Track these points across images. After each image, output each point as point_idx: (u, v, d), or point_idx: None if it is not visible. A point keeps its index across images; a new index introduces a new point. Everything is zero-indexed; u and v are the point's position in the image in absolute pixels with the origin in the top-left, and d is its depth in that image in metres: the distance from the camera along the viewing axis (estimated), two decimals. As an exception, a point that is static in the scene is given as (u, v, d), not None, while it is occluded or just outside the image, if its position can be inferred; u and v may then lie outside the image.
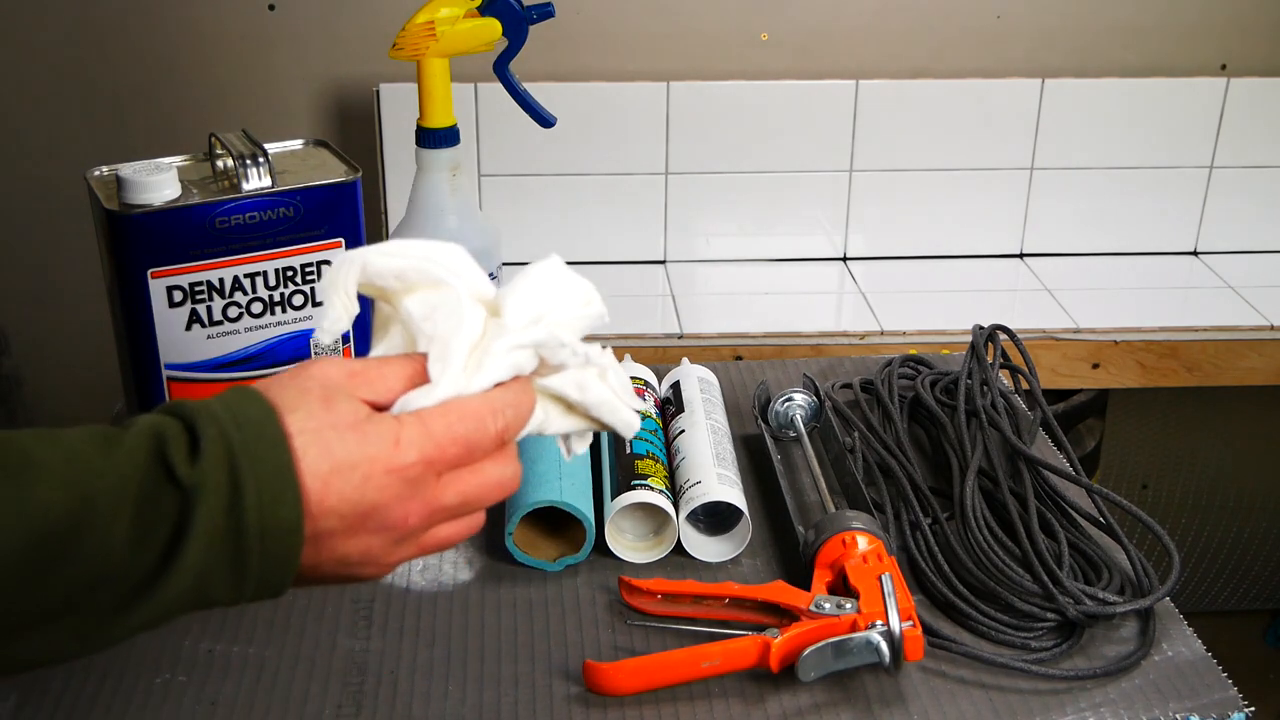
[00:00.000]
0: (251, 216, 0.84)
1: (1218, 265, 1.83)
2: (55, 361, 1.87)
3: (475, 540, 0.90)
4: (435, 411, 0.54)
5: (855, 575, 0.78)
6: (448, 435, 0.54)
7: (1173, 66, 1.80)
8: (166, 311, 0.84)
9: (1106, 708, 0.76)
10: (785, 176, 1.79)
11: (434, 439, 0.54)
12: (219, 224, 0.84)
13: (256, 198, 0.85)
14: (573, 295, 0.60)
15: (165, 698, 0.76)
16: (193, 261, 0.84)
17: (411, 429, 0.53)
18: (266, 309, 0.87)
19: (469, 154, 1.73)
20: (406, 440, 0.53)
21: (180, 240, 0.83)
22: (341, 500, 0.52)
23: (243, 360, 0.87)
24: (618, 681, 0.76)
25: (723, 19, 1.76)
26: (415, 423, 0.54)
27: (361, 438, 0.52)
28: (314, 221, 0.86)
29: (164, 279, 0.83)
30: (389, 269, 0.57)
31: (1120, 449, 1.96)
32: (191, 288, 0.84)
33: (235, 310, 0.86)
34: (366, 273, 0.57)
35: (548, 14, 0.96)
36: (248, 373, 0.87)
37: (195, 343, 0.85)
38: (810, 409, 1.02)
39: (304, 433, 0.51)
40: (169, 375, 0.85)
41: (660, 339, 1.59)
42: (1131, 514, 0.86)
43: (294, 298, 0.87)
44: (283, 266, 0.86)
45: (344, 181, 0.87)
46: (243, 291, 0.86)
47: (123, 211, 0.82)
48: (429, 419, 0.54)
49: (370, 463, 0.52)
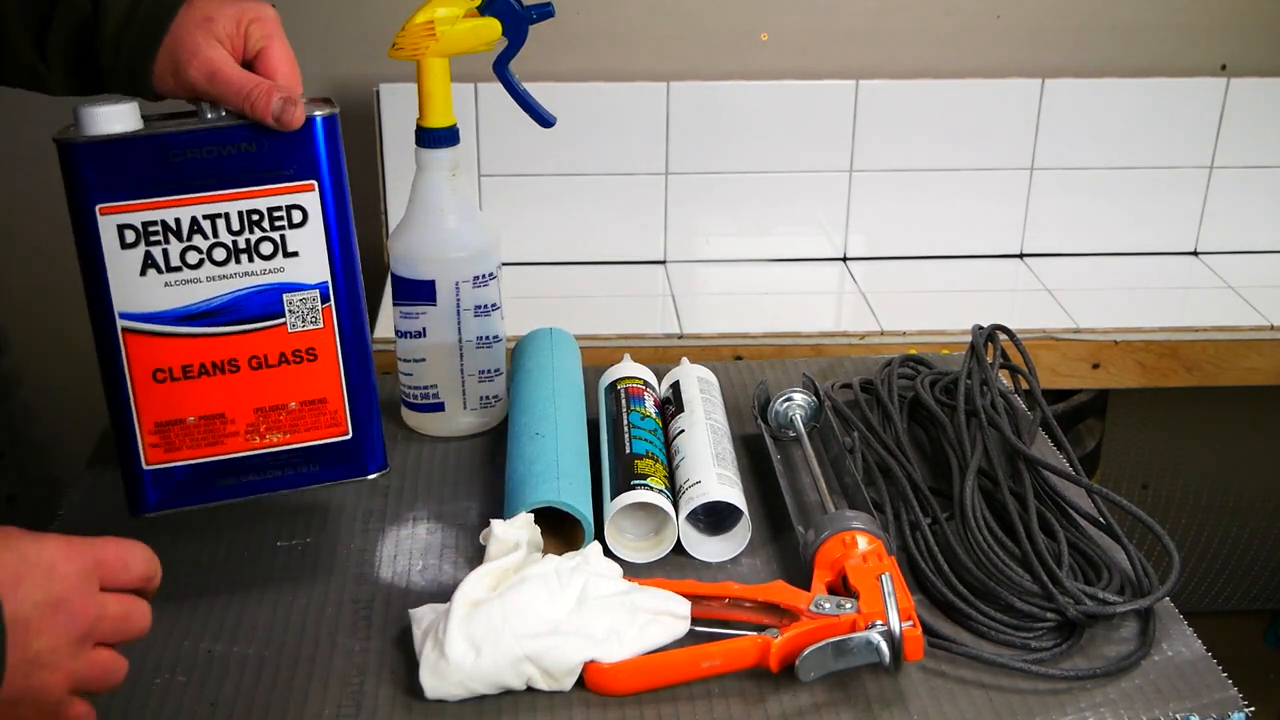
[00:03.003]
0: (209, 150, 0.77)
1: (1218, 265, 1.83)
2: (55, 361, 1.87)
3: (475, 540, 0.90)
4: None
5: (855, 575, 0.78)
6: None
7: (1173, 66, 1.80)
8: (119, 254, 0.76)
9: (1106, 708, 0.76)
10: (785, 176, 1.79)
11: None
12: (173, 157, 0.76)
13: (215, 130, 0.77)
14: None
15: (165, 698, 0.76)
16: (145, 198, 0.76)
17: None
18: (230, 255, 0.78)
19: (469, 154, 1.73)
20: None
21: (130, 173, 0.76)
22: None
23: (208, 314, 0.78)
24: (618, 681, 0.76)
25: (723, 19, 1.76)
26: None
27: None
28: (280, 159, 0.78)
29: (114, 216, 0.76)
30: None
31: (1120, 449, 1.96)
32: (145, 228, 0.76)
33: (195, 255, 0.77)
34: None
35: (548, 14, 0.96)
36: (213, 327, 0.78)
37: (151, 290, 0.77)
38: (810, 409, 1.02)
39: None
40: (125, 326, 0.77)
41: (660, 339, 1.59)
42: (1131, 514, 0.86)
43: (261, 245, 0.78)
44: (247, 209, 0.78)
45: (320, 116, 0.79)
46: (202, 235, 0.77)
47: (69, 139, 0.75)
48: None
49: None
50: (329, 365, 0.80)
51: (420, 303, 1.00)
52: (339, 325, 0.80)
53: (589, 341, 1.30)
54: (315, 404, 0.81)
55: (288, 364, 0.80)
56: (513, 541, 0.82)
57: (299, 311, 0.79)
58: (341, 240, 0.79)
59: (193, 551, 0.89)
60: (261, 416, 0.80)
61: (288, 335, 0.79)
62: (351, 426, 0.82)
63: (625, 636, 0.76)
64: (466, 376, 1.03)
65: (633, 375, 1.02)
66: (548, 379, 1.01)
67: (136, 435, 0.78)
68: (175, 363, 0.78)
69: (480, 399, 1.04)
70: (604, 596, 0.77)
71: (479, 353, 1.02)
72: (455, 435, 1.05)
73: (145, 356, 0.77)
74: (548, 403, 0.98)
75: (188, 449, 0.79)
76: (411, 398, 1.04)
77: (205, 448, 0.80)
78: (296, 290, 0.79)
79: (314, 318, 0.80)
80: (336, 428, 0.81)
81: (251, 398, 0.80)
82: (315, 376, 0.80)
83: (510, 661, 0.74)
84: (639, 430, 0.95)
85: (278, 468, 0.81)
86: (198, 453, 0.79)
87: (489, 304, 1.01)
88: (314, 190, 0.79)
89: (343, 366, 0.81)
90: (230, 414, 0.79)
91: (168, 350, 0.78)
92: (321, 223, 0.78)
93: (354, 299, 0.80)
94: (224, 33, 0.80)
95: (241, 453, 0.80)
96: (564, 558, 0.80)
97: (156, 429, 0.78)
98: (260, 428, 0.80)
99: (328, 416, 0.81)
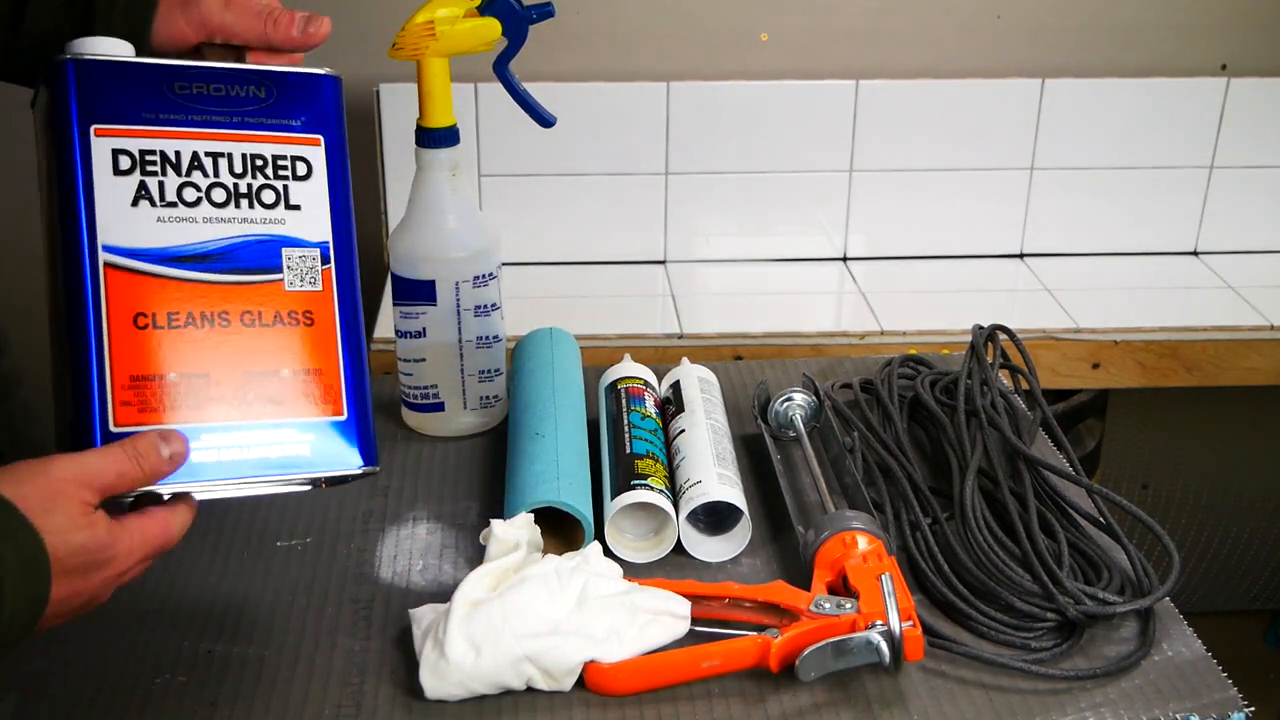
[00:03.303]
0: (216, 88, 0.73)
1: (1218, 265, 1.83)
2: (55, 361, 1.87)
3: (475, 540, 0.90)
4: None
5: (855, 575, 0.78)
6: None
7: (1173, 66, 1.80)
8: (110, 179, 0.71)
9: (1106, 708, 0.76)
10: (785, 176, 1.79)
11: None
12: (178, 89, 0.72)
13: (225, 68, 0.74)
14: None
15: (165, 698, 0.76)
16: (145, 125, 0.72)
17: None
18: (230, 198, 0.73)
19: (469, 154, 1.73)
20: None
21: (131, 96, 0.71)
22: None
23: (201, 258, 0.72)
24: (618, 681, 0.76)
25: (723, 19, 1.76)
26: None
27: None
28: (288, 109, 0.75)
29: (109, 139, 0.71)
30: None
31: (1120, 449, 1.96)
32: (142, 155, 0.71)
33: (193, 193, 0.72)
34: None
35: (548, 14, 0.96)
36: (205, 273, 0.72)
37: (142, 223, 0.71)
38: (810, 409, 1.02)
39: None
40: (107, 260, 0.70)
41: (660, 339, 1.59)
42: (1131, 514, 0.86)
43: (263, 193, 0.74)
44: (251, 152, 0.74)
45: (324, 74, 0.77)
46: (202, 172, 0.72)
47: (63, 58, 0.71)
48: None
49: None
50: (326, 333, 0.74)
51: (420, 303, 1.00)
52: (338, 292, 0.75)
53: (589, 341, 1.30)
54: (310, 374, 0.73)
55: (283, 325, 0.73)
56: (513, 541, 0.82)
57: (298, 269, 0.74)
58: (343, 203, 0.76)
59: (192, 551, 0.89)
60: (251, 382, 0.72)
61: (284, 293, 0.73)
62: (346, 408, 0.74)
63: (625, 636, 0.76)
64: (466, 376, 1.03)
65: (633, 375, 1.02)
66: (548, 379, 1.01)
67: (105, 391, 0.69)
68: (160, 308, 0.70)
69: (480, 399, 1.04)
70: (604, 596, 0.77)
71: (479, 353, 1.02)
72: (455, 435, 1.05)
73: (127, 297, 0.70)
74: (548, 403, 0.98)
75: (165, 411, 0.70)
76: (411, 398, 1.04)
77: (185, 411, 0.70)
78: (297, 246, 0.74)
79: (313, 278, 0.74)
80: (331, 405, 0.74)
81: (241, 359, 0.72)
82: (311, 344, 0.74)
83: (510, 661, 0.74)
84: (639, 430, 0.95)
85: (264, 444, 0.72)
86: (176, 416, 0.70)
87: (489, 304, 1.01)
88: (320, 146, 0.75)
89: (340, 337, 0.74)
90: (216, 375, 0.71)
91: (153, 292, 0.71)
92: (325, 180, 0.75)
93: (351, 270, 0.76)
94: None
95: (225, 423, 0.71)
96: (564, 558, 0.80)
97: (131, 384, 0.69)
98: (249, 394, 0.72)
99: (321, 391, 0.73)
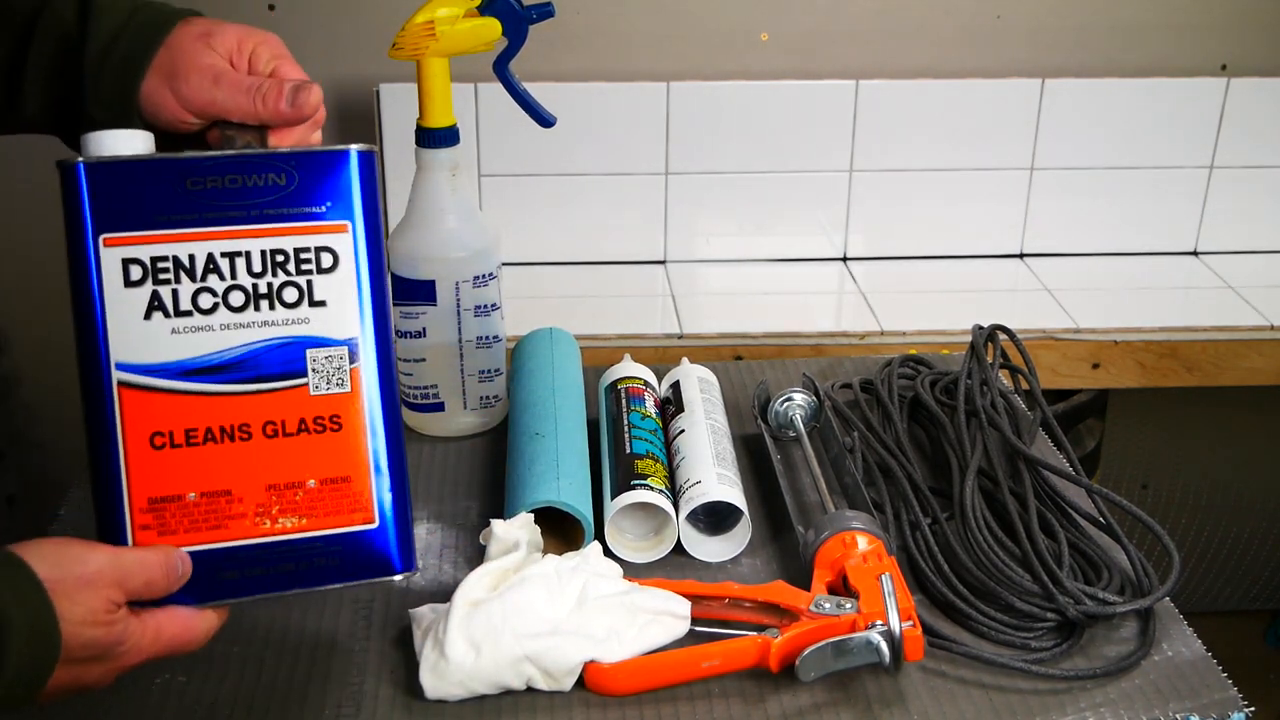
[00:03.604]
0: (232, 179, 0.67)
1: (1218, 265, 1.82)
2: (55, 361, 1.87)
3: (475, 540, 0.90)
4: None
5: (855, 575, 0.78)
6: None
7: (1173, 66, 1.80)
8: (121, 292, 0.66)
9: (1106, 708, 0.76)
10: (785, 176, 1.79)
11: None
12: (191, 185, 0.67)
13: (240, 156, 0.68)
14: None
15: (165, 698, 0.76)
16: (156, 229, 0.67)
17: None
18: (249, 301, 0.68)
19: (469, 154, 1.73)
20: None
21: (141, 199, 0.67)
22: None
23: (219, 369, 0.67)
24: (618, 681, 0.76)
25: (723, 19, 1.75)
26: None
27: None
28: (311, 195, 0.68)
29: (119, 249, 0.66)
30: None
31: (1120, 449, 1.96)
32: (154, 263, 0.66)
33: (209, 299, 0.67)
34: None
35: (548, 14, 0.96)
36: (224, 384, 0.67)
37: (156, 337, 0.67)
38: (810, 409, 1.02)
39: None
40: (121, 379, 0.66)
41: (660, 339, 1.59)
42: (1131, 514, 0.86)
43: (285, 291, 0.68)
44: (271, 248, 0.68)
45: (351, 150, 0.70)
46: (219, 275, 0.67)
47: (71, 160, 0.66)
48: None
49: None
50: (355, 438, 0.69)
51: (420, 303, 1.00)
52: (368, 391, 0.69)
53: (589, 341, 1.30)
54: (337, 483, 0.69)
55: (307, 433, 0.68)
56: (513, 541, 0.82)
57: (323, 371, 0.69)
58: (375, 291, 0.69)
59: (193, 551, 0.89)
60: (274, 496, 0.68)
61: (309, 398, 0.68)
62: (378, 514, 0.69)
63: (625, 636, 0.76)
64: (466, 376, 1.03)
65: (633, 375, 1.02)
66: (548, 379, 1.01)
67: (125, 513, 0.66)
68: (177, 425, 0.67)
69: (480, 399, 1.04)
70: (604, 596, 0.77)
71: (479, 353, 1.02)
72: (455, 435, 1.05)
73: (142, 416, 0.66)
74: (548, 403, 0.98)
75: (185, 532, 0.67)
76: (411, 398, 1.04)
77: (206, 531, 0.67)
78: (322, 346, 0.69)
79: (340, 379, 0.69)
80: (360, 514, 0.69)
81: (264, 472, 0.68)
82: (338, 450, 0.69)
83: (510, 661, 0.74)
84: (639, 430, 0.95)
85: (290, 561, 0.69)
86: (197, 537, 0.67)
87: (489, 304, 1.01)
88: (347, 232, 0.69)
89: (370, 440, 0.69)
90: (238, 491, 0.68)
91: (169, 410, 0.67)
92: (354, 269, 0.69)
93: (386, 361, 0.70)
94: (224, 49, 0.75)
95: (249, 539, 0.68)
96: (564, 558, 0.80)
97: (150, 506, 0.67)
98: (272, 509, 0.68)
99: (350, 500, 0.69)
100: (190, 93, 0.74)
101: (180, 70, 0.74)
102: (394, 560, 0.70)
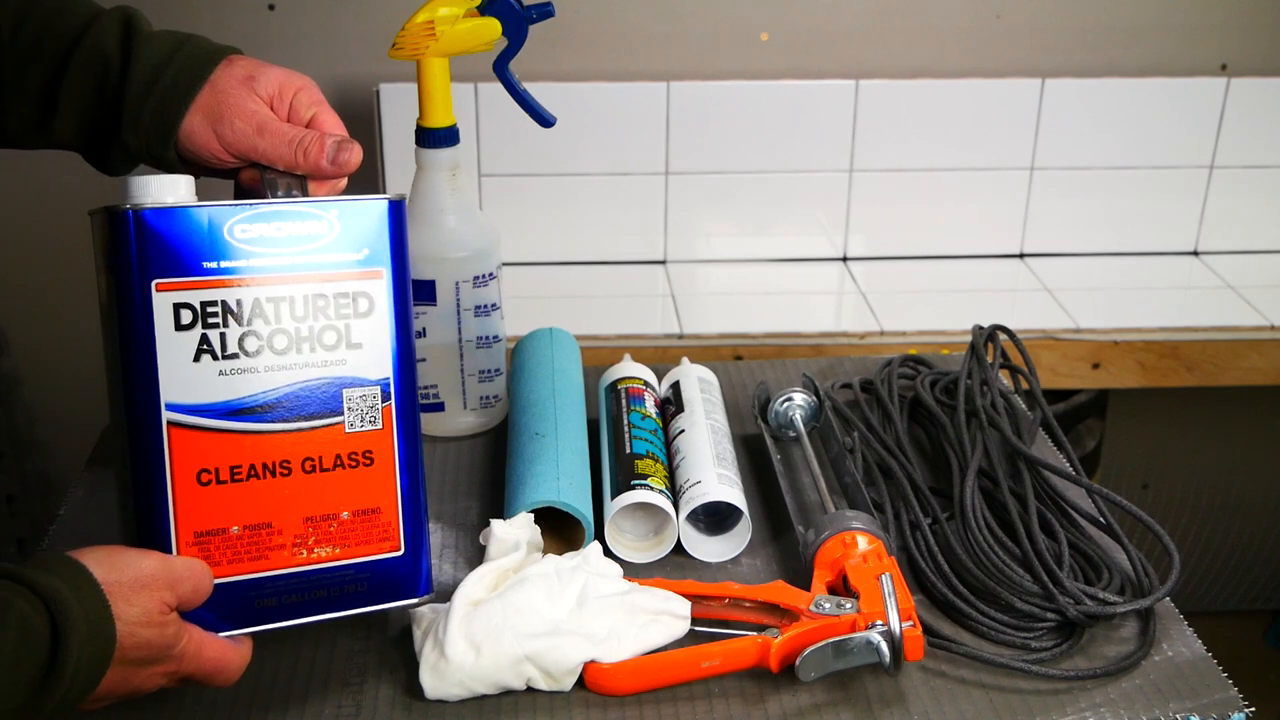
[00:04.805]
0: (278, 228, 0.71)
1: (1218, 265, 1.83)
2: (55, 361, 1.87)
3: (475, 540, 0.90)
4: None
5: (855, 575, 0.78)
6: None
7: (1173, 66, 1.80)
8: (172, 335, 0.69)
9: (1106, 708, 0.76)
10: (785, 176, 1.79)
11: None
12: (239, 233, 0.70)
13: (284, 206, 0.72)
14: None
15: (165, 698, 0.76)
16: (205, 275, 0.70)
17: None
18: (291, 344, 0.71)
19: (469, 154, 1.73)
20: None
21: (190, 246, 0.70)
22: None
23: (262, 408, 0.71)
24: (618, 681, 0.76)
25: (723, 19, 1.76)
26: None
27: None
28: (351, 242, 0.72)
29: (170, 294, 0.69)
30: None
31: (1120, 449, 1.96)
32: (203, 308, 0.70)
33: (254, 342, 0.71)
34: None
35: (548, 14, 0.96)
36: (267, 424, 0.71)
37: (204, 379, 0.70)
38: (810, 409, 1.02)
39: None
40: (170, 419, 0.69)
41: (660, 339, 1.59)
42: (1131, 514, 0.86)
43: (325, 334, 0.72)
44: (313, 293, 0.71)
45: (385, 199, 0.74)
46: (264, 320, 0.71)
47: (122, 206, 0.69)
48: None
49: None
50: (385, 472, 0.74)
51: (420, 303, 1.00)
52: (398, 428, 0.74)
53: (589, 341, 1.30)
54: (369, 514, 0.74)
55: (343, 468, 0.73)
56: (513, 541, 0.82)
57: (358, 409, 0.73)
58: (402, 332, 0.74)
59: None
60: (311, 527, 0.73)
61: (344, 436, 0.73)
62: (404, 542, 0.75)
63: (625, 636, 0.76)
64: (466, 376, 1.03)
65: (633, 375, 1.02)
66: (548, 379, 1.01)
67: (172, 548, 0.70)
68: (223, 463, 0.70)
69: (480, 399, 1.04)
70: (604, 596, 0.77)
71: (479, 353, 1.02)
72: (455, 435, 1.05)
73: (190, 455, 0.70)
74: (548, 403, 0.98)
75: (229, 563, 0.71)
76: (411, 398, 1.04)
77: (249, 562, 0.72)
78: (357, 386, 0.73)
79: (373, 417, 0.73)
80: (388, 542, 0.74)
81: (302, 506, 0.72)
82: (370, 484, 0.74)
83: (510, 661, 0.74)
84: (639, 430, 0.95)
85: (322, 588, 0.73)
86: (239, 569, 0.71)
87: (489, 304, 1.01)
88: (382, 278, 0.73)
89: (399, 474, 0.74)
90: (278, 524, 0.72)
91: (216, 448, 0.70)
92: (388, 313, 0.73)
93: (411, 400, 0.74)
94: (265, 93, 0.78)
95: (287, 569, 0.72)
96: (564, 558, 0.80)
97: (196, 539, 0.70)
98: (309, 540, 0.73)
99: (380, 530, 0.74)
100: (234, 138, 0.77)
101: (224, 114, 0.77)
102: (419, 584, 0.76)
